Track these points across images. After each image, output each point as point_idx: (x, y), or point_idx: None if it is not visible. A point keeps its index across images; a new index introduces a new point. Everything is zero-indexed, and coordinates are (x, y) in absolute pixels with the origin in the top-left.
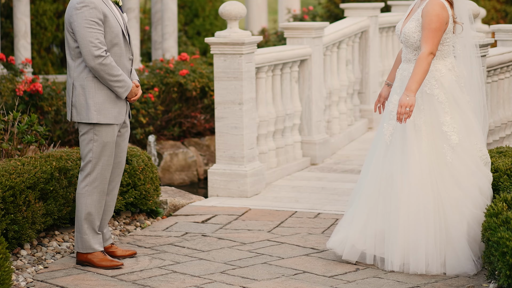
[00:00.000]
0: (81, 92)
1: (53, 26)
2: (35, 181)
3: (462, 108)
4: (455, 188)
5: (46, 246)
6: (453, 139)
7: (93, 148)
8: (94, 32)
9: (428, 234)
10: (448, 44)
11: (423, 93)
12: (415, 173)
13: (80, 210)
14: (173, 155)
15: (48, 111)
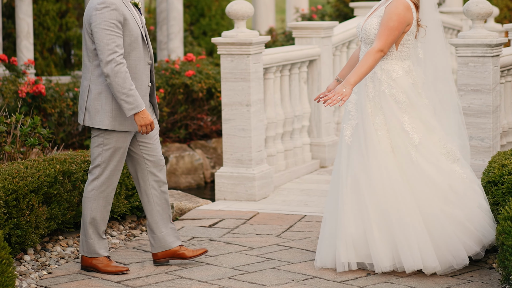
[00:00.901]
0: (97, 97)
1: (56, 26)
2: (39, 185)
3: (419, 108)
4: (423, 186)
5: (50, 251)
6: (415, 138)
7: (102, 153)
8: (112, 35)
9: (408, 232)
10: (409, 46)
11: (381, 92)
12: (379, 173)
13: (86, 214)
14: (179, 158)
15: (51, 113)
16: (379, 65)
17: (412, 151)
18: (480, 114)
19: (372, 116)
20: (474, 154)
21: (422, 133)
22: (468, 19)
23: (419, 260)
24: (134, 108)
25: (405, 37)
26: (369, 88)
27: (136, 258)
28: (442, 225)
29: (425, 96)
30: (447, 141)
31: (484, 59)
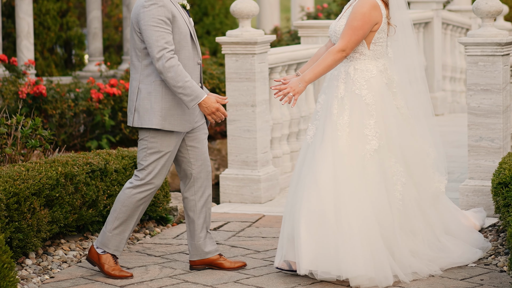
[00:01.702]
0: (146, 96)
1: (56, 25)
2: (40, 188)
3: (389, 113)
4: (367, 194)
5: (52, 255)
6: (373, 144)
7: (147, 156)
8: (161, 32)
9: (345, 237)
10: (382, 44)
11: (351, 93)
12: (326, 174)
13: (120, 213)
14: None
15: (53, 115)
16: (352, 66)
17: (367, 156)
18: (490, 114)
19: (336, 116)
20: (484, 155)
21: (384, 140)
22: (478, 17)
23: (348, 267)
24: (194, 99)
25: (376, 35)
26: (339, 89)
27: (139, 262)
28: (376, 237)
29: (400, 97)
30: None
31: (494, 58)
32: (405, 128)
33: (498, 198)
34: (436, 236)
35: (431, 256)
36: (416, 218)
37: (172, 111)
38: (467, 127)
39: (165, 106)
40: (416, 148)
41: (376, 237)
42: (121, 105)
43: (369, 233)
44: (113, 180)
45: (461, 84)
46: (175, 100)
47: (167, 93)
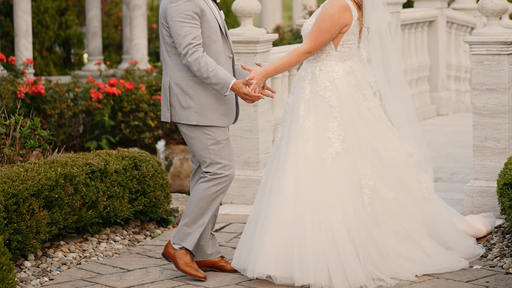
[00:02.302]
0: (179, 92)
1: (55, 24)
2: (39, 189)
3: (358, 115)
4: (329, 198)
5: (51, 257)
6: (336, 146)
7: (209, 150)
8: (187, 27)
9: (307, 243)
10: (350, 46)
11: (315, 94)
12: (292, 177)
13: (195, 205)
14: (183, 161)
15: (51, 114)
16: (318, 66)
17: (329, 160)
18: (496, 114)
19: (302, 118)
20: (489, 156)
21: (349, 142)
22: (483, 16)
23: (310, 274)
24: (223, 86)
25: (344, 37)
26: (306, 90)
27: (140, 264)
28: (332, 244)
29: (371, 98)
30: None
31: (500, 57)
32: (378, 129)
33: (503, 199)
34: (415, 240)
35: (405, 259)
36: (392, 220)
37: (207, 106)
38: (472, 127)
39: (198, 101)
40: (393, 149)
41: (332, 244)
42: (121, 105)
43: (326, 238)
44: (113, 181)
45: (466, 84)
46: (210, 94)
47: (200, 88)
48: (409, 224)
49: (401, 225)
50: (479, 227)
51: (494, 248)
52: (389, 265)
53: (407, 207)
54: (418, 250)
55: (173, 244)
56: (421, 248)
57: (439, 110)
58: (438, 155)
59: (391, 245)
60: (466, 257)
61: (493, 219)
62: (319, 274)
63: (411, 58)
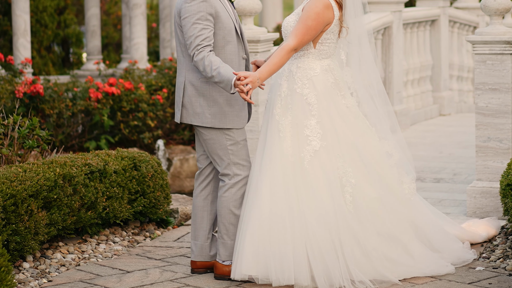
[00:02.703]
0: (194, 93)
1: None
2: (38, 189)
3: (337, 113)
4: (308, 197)
5: (49, 258)
6: (314, 144)
7: (228, 150)
8: (199, 28)
9: (286, 242)
10: (329, 45)
11: (293, 91)
12: (270, 176)
13: (229, 217)
14: (183, 161)
15: (50, 114)
16: (295, 64)
17: (307, 158)
18: (498, 114)
19: (279, 116)
20: (492, 156)
21: (329, 140)
22: (486, 15)
23: (290, 274)
24: (227, 84)
25: (323, 36)
26: (283, 87)
27: (140, 265)
28: (315, 243)
29: (349, 97)
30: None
31: (503, 56)
32: (357, 127)
33: (506, 200)
34: (401, 241)
35: (388, 261)
36: (376, 220)
37: (221, 108)
38: (474, 127)
39: (212, 103)
40: (374, 148)
41: (312, 243)
42: (120, 104)
43: (305, 238)
44: (113, 181)
45: (469, 83)
46: (222, 97)
47: (215, 90)
48: (393, 224)
49: (385, 225)
50: (480, 232)
51: (497, 249)
52: (373, 266)
53: (391, 206)
54: (403, 252)
55: (223, 262)
56: (407, 250)
57: (442, 110)
58: (441, 156)
59: (374, 245)
60: (454, 262)
61: (497, 224)
62: (300, 274)
63: (413, 58)
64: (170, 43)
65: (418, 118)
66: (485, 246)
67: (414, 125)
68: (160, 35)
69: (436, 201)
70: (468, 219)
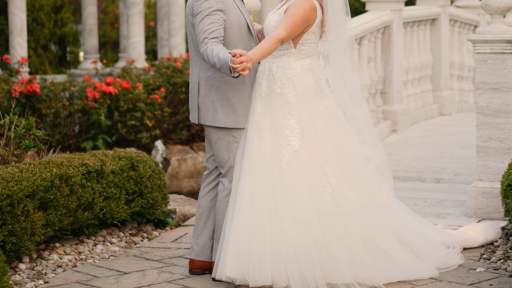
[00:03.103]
0: (207, 93)
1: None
2: (34, 189)
3: (316, 113)
4: (285, 199)
5: (46, 259)
6: (293, 144)
7: (233, 152)
8: (208, 23)
9: (265, 244)
10: (310, 45)
11: (272, 91)
12: (249, 177)
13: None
14: (181, 161)
15: (47, 114)
16: (275, 63)
17: (285, 158)
18: (499, 114)
19: (259, 115)
20: (493, 156)
21: (308, 141)
22: (486, 13)
23: (268, 275)
24: (226, 66)
25: (304, 36)
26: (263, 86)
27: (137, 266)
28: (293, 245)
29: (329, 98)
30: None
31: (504, 55)
32: (337, 129)
33: (507, 201)
34: (381, 247)
35: (370, 265)
36: (356, 222)
37: (234, 108)
38: (475, 127)
39: (225, 103)
40: (353, 151)
41: (289, 245)
42: (118, 104)
43: (283, 240)
44: (110, 181)
45: (469, 83)
46: (236, 96)
47: (228, 89)
48: (373, 229)
49: (365, 229)
50: (477, 236)
51: (498, 250)
52: (357, 269)
53: (371, 211)
54: (385, 257)
55: None
56: (387, 255)
57: (442, 110)
58: (441, 156)
59: (356, 248)
60: (439, 267)
61: (498, 228)
62: (278, 276)
63: (414, 57)
64: (168, 42)
65: (418, 118)
66: (486, 247)
67: (414, 125)
68: (158, 34)
69: (437, 202)
70: (468, 219)
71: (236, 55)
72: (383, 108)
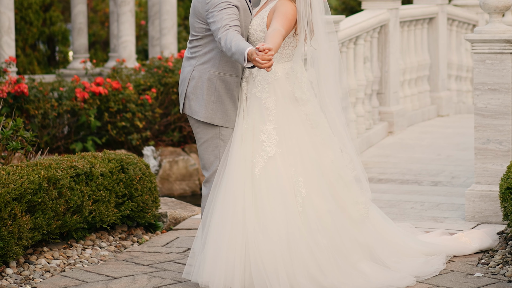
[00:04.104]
0: (198, 85)
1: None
2: (22, 192)
3: (294, 119)
4: (256, 207)
5: (34, 264)
6: (269, 150)
7: (219, 155)
8: (230, 14)
9: (230, 250)
10: (290, 48)
11: (252, 95)
12: (225, 182)
13: None
14: (172, 163)
15: (35, 115)
16: None
17: (259, 164)
18: (498, 115)
19: (242, 119)
20: (492, 159)
21: (284, 148)
22: (485, 12)
23: (235, 282)
24: (240, 55)
25: (285, 40)
26: (244, 90)
27: (127, 271)
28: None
29: (311, 103)
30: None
31: (503, 55)
32: (314, 138)
33: (506, 204)
34: (350, 260)
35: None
36: (326, 234)
37: (224, 106)
38: (473, 129)
39: (217, 99)
40: (330, 161)
41: (252, 251)
42: (107, 104)
43: (247, 246)
44: (99, 184)
45: (468, 83)
46: (228, 95)
47: (221, 86)
48: (343, 241)
49: (335, 240)
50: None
51: (496, 255)
52: (330, 281)
53: (341, 224)
54: (354, 270)
55: None
56: (356, 268)
57: (440, 111)
58: (439, 158)
59: (326, 259)
60: (418, 275)
61: (494, 235)
62: (243, 282)
63: (411, 57)
64: (159, 41)
65: (415, 119)
66: (484, 252)
67: (411, 126)
68: (149, 33)
69: (434, 205)
70: (466, 223)
71: (265, 50)
72: (379, 109)
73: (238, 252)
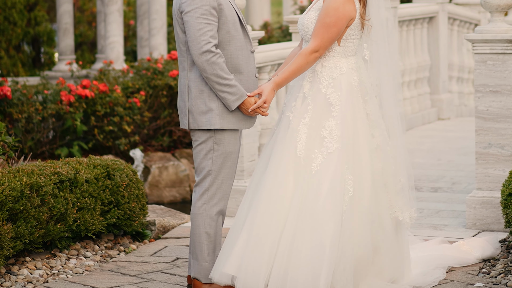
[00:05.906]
0: (198, 95)
1: (23, 20)
2: (3, 200)
3: (357, 116)
4: (311, 202)
5: (15, 274)
6: (329, 146)
7: (213, 159)
8: (205, 23)
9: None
10: (354, 41)
11: (317, 91)
12: (273, 177)
13: (198, 233)
14: (162, 169)
15: (18, 119)
16: (320, 63)
17: (318, 160)
18: (500, 118)
19: (295, 118)
20: (493, 164)
21: (343, 144)
22: (487, 11)
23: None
24: (239, 98)
25: (347, 31)
26: (304, 88)
27: (112, 282)
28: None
29: (372, 102)
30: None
31: (505, 56)
32: (372, 138)
33: (508, 211)
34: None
35: None
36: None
37: (223, 108)
38: (475, 133)
39: (220, 103)
40: (381, 166)
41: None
42: (94, 108)
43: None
44: (84, 191)
45: (469, 85)
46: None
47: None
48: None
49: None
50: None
51: (498, 264)
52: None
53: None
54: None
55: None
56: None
57: (440, 114)
58: (439, 163)
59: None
60: (415, 286)
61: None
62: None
63: (410, 58)
64: (149, 42)
65: (415, 123)
66: (485, 261)
67: (410, 130)
68: (137, 33)
69: (434, 212)
70: (467, 231)
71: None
72: None
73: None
